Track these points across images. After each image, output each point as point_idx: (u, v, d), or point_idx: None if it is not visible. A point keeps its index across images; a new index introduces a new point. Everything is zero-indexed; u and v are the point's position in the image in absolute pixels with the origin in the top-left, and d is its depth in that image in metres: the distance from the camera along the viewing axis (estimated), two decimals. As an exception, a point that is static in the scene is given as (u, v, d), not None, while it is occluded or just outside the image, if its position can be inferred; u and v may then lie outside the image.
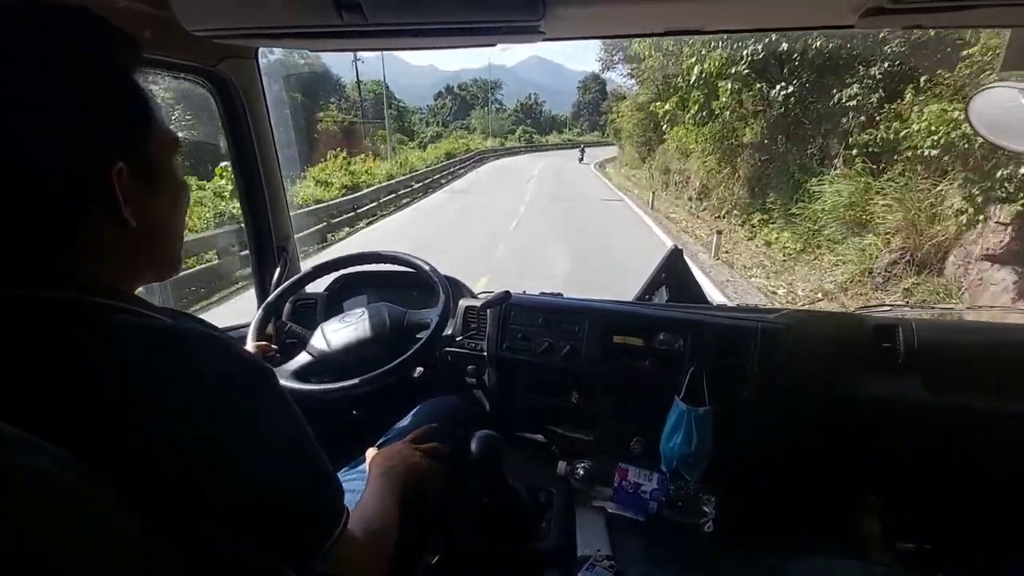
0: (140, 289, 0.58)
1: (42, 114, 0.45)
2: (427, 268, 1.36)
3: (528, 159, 38.01)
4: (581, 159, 34.29)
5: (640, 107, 19.25)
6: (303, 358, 1.27)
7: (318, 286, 1.58)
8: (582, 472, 1.28)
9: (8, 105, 0.43)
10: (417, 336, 1.27)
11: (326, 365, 1.27)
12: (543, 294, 1.54)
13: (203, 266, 6.32)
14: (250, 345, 1.26)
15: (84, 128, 0.47)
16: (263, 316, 1.33)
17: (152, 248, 0.55)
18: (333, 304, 1.62)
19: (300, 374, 1.23)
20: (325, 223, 9.91)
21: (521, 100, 78.54)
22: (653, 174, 16.89)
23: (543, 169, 27.94)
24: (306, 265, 1.53)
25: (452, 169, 23.29)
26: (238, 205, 1.64)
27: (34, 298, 0.45)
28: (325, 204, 10.76)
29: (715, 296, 5.63)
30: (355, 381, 1.14)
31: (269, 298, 1.37)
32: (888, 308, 1.45)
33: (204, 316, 0.68)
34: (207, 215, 7.48)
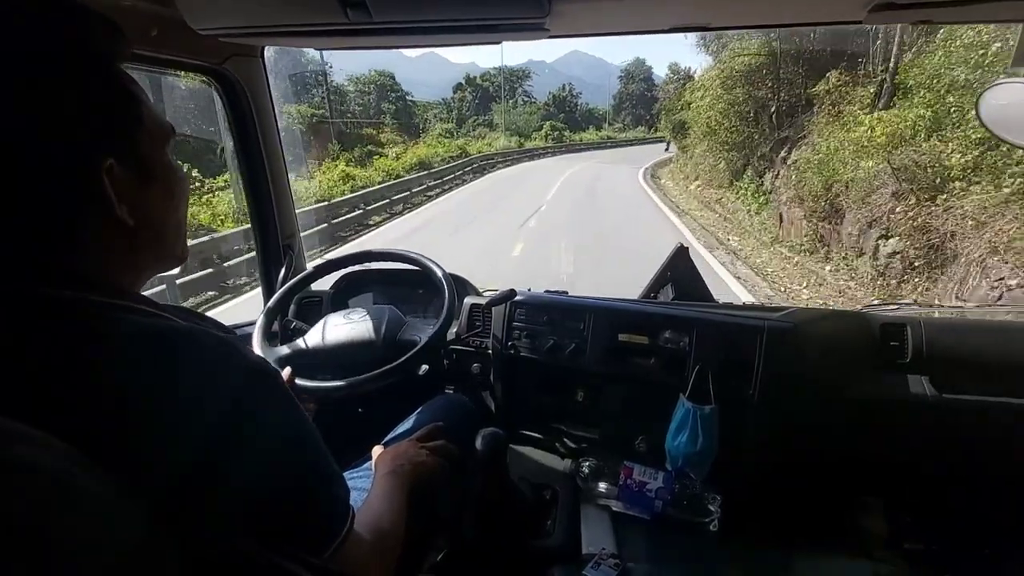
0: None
1: (22, 109, 0.44)
2: (432, 267, 1.36)
3: (551, 165, 25.82)
4: (667, 149, 25.87)
5: (735, 79, 11.09)
6: (295, 347, 1.29)
7: (324, 284, 1.59)
8: (587, 470, 1.28)
9: None
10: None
11: (315, 359, 1.28)
12: (548, 292, 1.54)
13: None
14: (256, 350, 1.26)
15: (67, 123, 0.46)
16: (267, 317, 1.34)
17: (153, 243, 0.54)
18: (338, 302, 1.63)
19: (286, 362, 1.25)
20: None
21: (553, 91, 61.94)
22: (783, 214, 8.21)
23: (566, 186, 16.60)
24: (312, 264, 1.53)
25: (408, 194, 13.45)
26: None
27: (39, 296, 0.45)
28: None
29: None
30: (339, 383, 1.16)
31: (273, 298, 1.38)
32: (896, 307, 1.44)
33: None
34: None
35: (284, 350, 1.28)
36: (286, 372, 1.21)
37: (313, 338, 1.30)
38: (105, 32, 0.49)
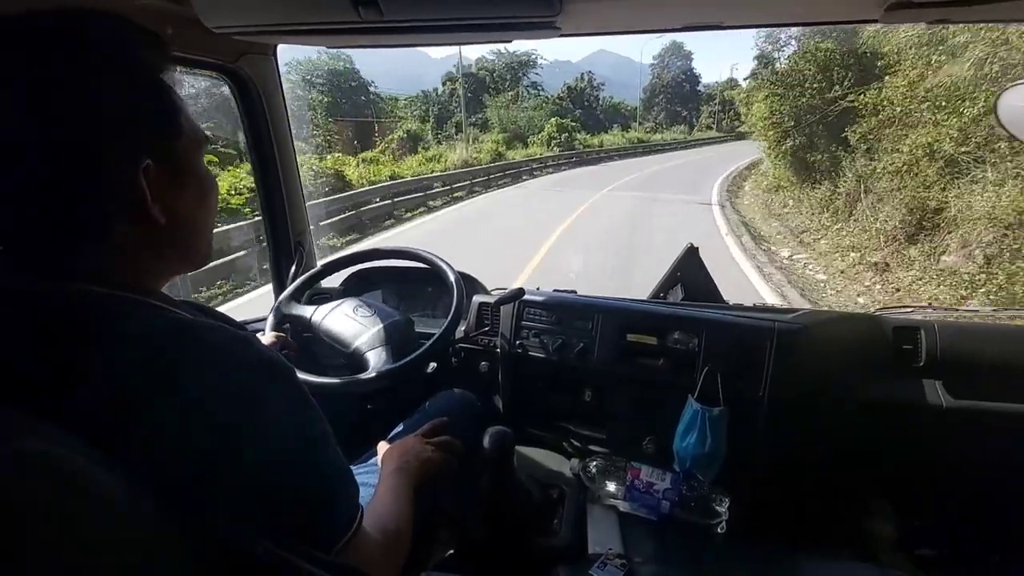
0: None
1: (70, 115, 0.46)
2: (442, 265, 1.37)
3: (527, 205, 12.82)
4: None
5: None
6: (302, 311, 1.36)
7: (334, 280, 1.60)
8: (594, 470, 1.28)
9: (38, 107, 0.45)
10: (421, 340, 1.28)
11: (307, 330, 1.35)
12: (557, 291, 1.53)
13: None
14: (267, 336, 1.29)
15: (111, 127, 0.48)
16: (278, 313, 1.36)
17: (180, 243, 0.56)
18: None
19: (288, 320, 1.36)
20: None
21: (569, 82, 44.82)
22: None
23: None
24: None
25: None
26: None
27: (60, 291, 0.46)
28: None
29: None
30: (337, 381, 1.18)
31: (283, 294, 1.40)
32: (910, 309, 1.42)
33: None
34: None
35: (294, 310, 1.36)
36: (269, 338, 1.27)
37: (319, 314, 1.33)
38: (148, 43, 0.52)
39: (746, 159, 17.78)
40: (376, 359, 1.23)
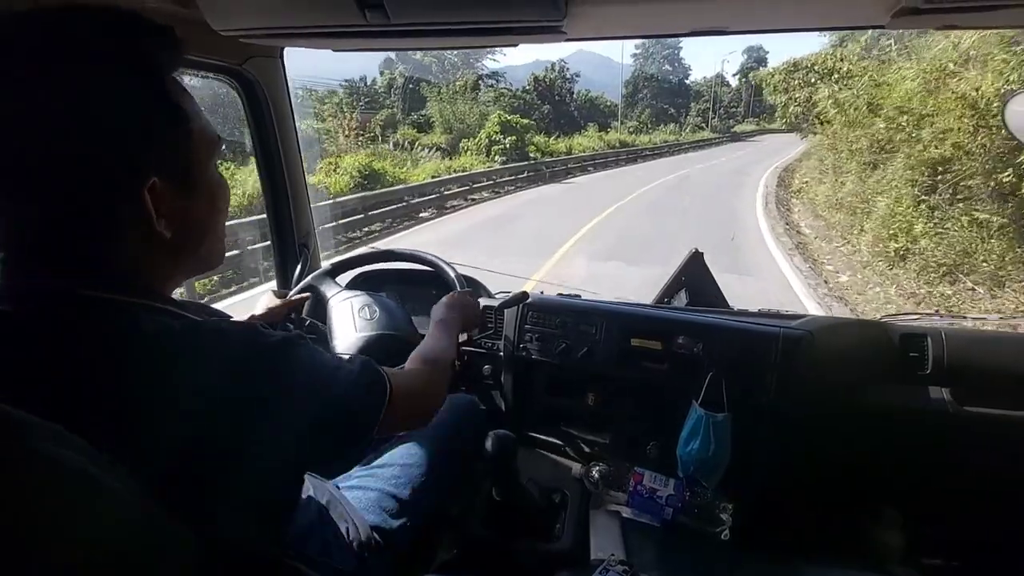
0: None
1: (71, 123, 0.44)
2: (445, 268, 1.37)
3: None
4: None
5: None
6: (330, 288, 1.37)
7: (340, 282, 1.60)
8: (597, 475, 1.28)
9: (39, 112, 0.43)
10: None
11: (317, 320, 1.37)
12: (561, 295, 1.53)
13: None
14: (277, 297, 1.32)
15: (116, 138, 0.46)
16: (308, 281, 1.38)
17: (192, 248, 0.55)
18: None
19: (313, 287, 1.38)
20: None
21: (537, 74, 33.84)
22: None
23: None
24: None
25: None
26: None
27: (73, 295, 0.46)
28: None
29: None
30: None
31: (323, 267, 1.41)
32: (917, 316, 1.41)
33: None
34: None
35: (322, 284, 1.38)
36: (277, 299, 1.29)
37: (337, 298, 1.34)
38: (156, 41, 0.49)
39: (766, 168, 14.22)
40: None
